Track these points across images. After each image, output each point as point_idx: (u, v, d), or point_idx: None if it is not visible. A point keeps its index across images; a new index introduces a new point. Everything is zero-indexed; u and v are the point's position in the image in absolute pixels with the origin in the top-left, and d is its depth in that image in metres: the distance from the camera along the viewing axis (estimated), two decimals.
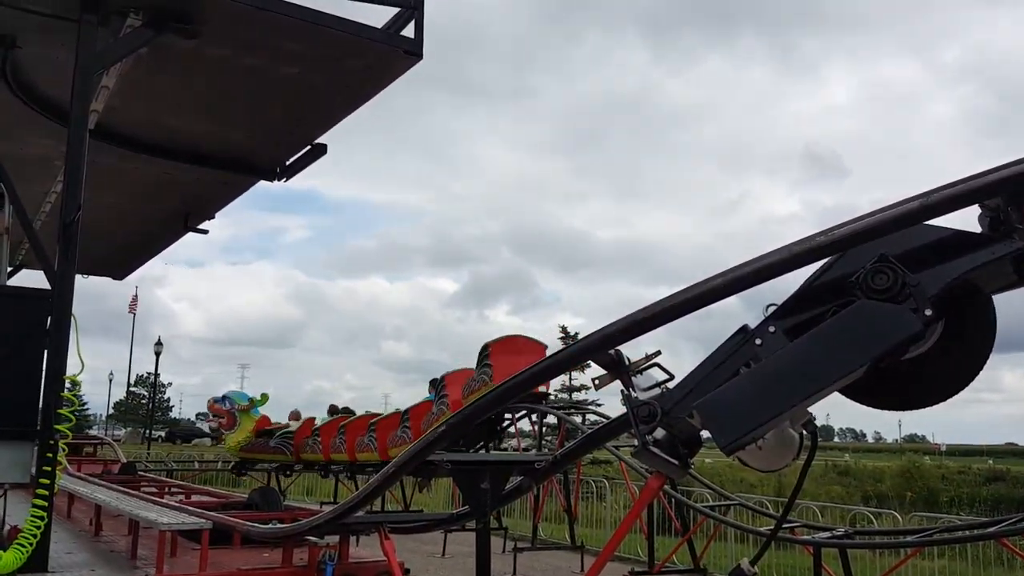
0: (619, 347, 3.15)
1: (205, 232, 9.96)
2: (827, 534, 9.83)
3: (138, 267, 12.70)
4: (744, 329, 2.74)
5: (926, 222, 2.44)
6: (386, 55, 5.90)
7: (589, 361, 3.27)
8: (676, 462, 2.80)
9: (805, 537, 9.98)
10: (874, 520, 13.71)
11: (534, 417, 15.97)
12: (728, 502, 12.75)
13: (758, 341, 2.65)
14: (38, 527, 4.54)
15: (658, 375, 3.44)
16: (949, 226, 2.56)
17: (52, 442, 4.65)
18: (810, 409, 2.70)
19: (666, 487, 12.20)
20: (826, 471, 46.38)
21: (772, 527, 11.12)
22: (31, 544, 4.49)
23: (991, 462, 62.74)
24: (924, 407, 2.68)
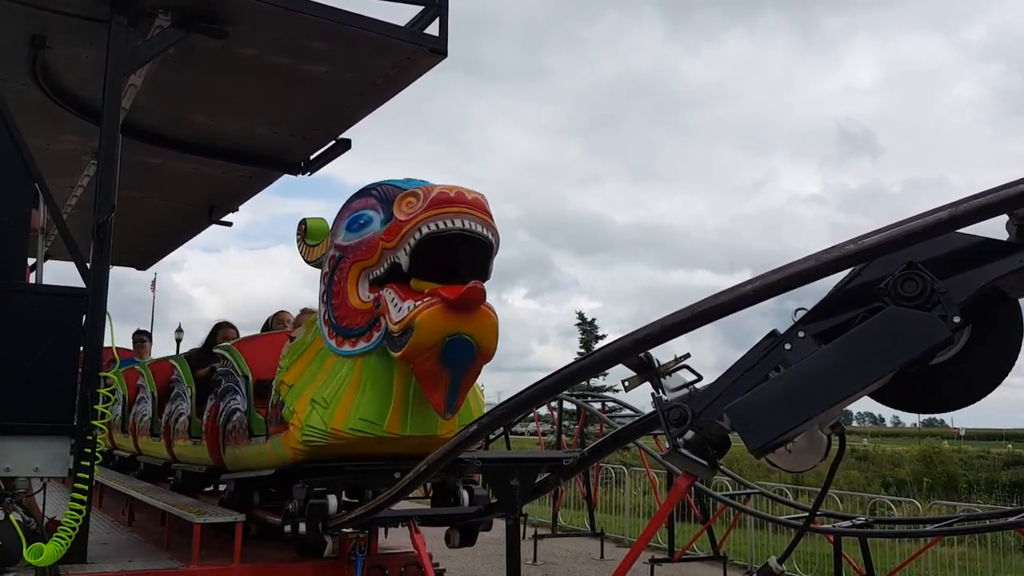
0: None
1: (229, 224, 10.05)
2: (848, 523, 9.89)
3: (161, 258, 12.84)
4: (774, 333, 2.80)
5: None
6: (411, 54, 5.96)
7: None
8: (705, 463, 2.86)
9: (826, 526, 10.05)
10: (894, 508, 13.75)
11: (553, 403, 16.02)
12: (748, 491, 12.82)
13: (787, 346, 2.71)
14: (77, 520, 4.65)
15: (687, 376, 3.50)
16: (977, 234, 2.61)
17: (90, 437, 4.77)
18: None
19: None
20: (845, 455, 46.15)
21: (792, 515, 11.20)
22: (71, 536, 4.60)
23: (1010, 446, 62.39)
24: (950, 411, 2.74)
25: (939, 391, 2.70)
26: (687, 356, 3.28)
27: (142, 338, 11.60)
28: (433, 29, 5.96)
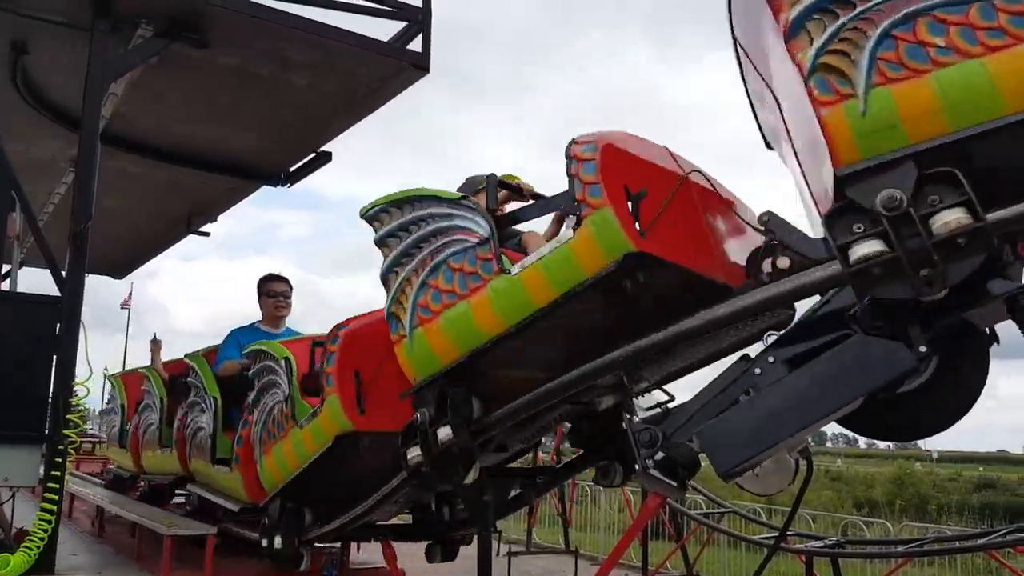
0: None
1: (207, 235, 10.02)
2: (819, 543, 9.94)
3: (138, 267, 12.78)
4: (745, 357, 2.83)
5: None
6: (393, 68, 6.01)
7: None
8: (675, 484, 2.89)
9: (798, 546, 10.09)
10: (865, 529, 13.84)
11: None
12: (722, 509, 12.85)
13: (758, 370, 2.74)
14: (45, 530, 4.61)
15: (659, 396, 3.54)
16: None
17: (61, 447, 4.73)
18: None
19: None
20: (818, 476, 46.51)
21: (765, 535, 11.24)
22: (39, 547, 4.56)
23: (982, 469, 62.90)
24: (918, 439, 2.78)
25: (906, 419, 2.74)
26: (659, 378, 3.31)
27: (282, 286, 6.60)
28: (416, 44, 6.01)
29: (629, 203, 3.02)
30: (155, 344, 7.43)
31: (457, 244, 3.51)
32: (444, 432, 3.52)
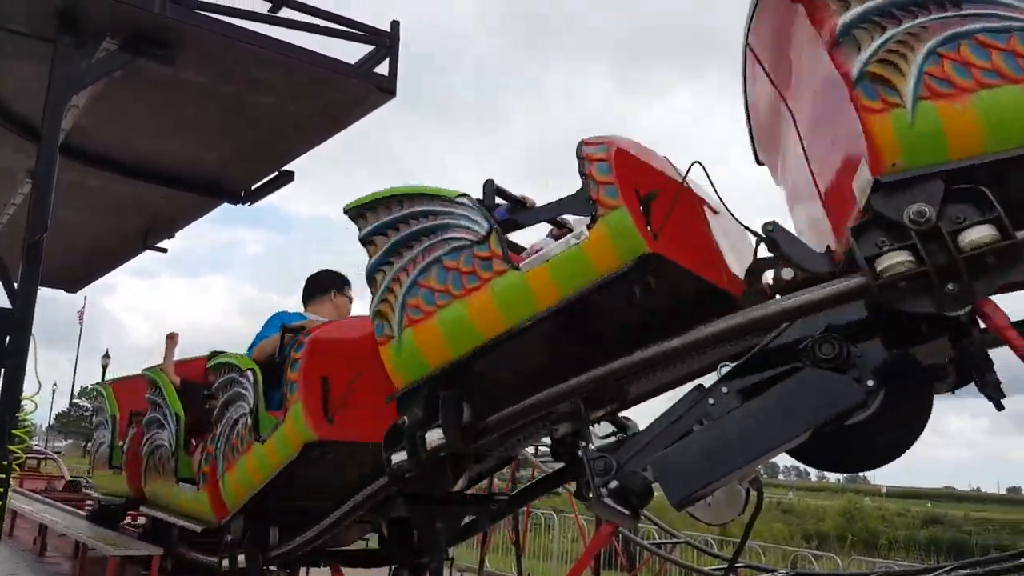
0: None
1: (164, 251, 9.89)
2: (769, 575, 10.01)
3: (92, 281, 12.55)
4: (699, 387, 2.87)
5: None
6: (360, 91, 6.03)
7: None
8: (628, 512, 2.91)
9: None
10: (814, 562, 13.96)
11: None
12: (674, 540, 12.89)
13: (711, 400, 2.78)
14: None
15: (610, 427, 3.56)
16: None
17: (5, 463, 4.62)
18: None
19: None
20: (770, 508, 46.70)
21: (716, 567, 11.28)
22: None
23: (929, 505, 63.72)
24: (864, 471, 2.83)
25: (852, 452, 2.79)
26: (615, 406, 3.34)
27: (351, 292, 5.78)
28: (384, 68, 6.04)
29: (640, 206, 2.96)
30: (170, 338, 6.59)
31: (452, 242, 3.34)
32: (434, 435, 3.32)
